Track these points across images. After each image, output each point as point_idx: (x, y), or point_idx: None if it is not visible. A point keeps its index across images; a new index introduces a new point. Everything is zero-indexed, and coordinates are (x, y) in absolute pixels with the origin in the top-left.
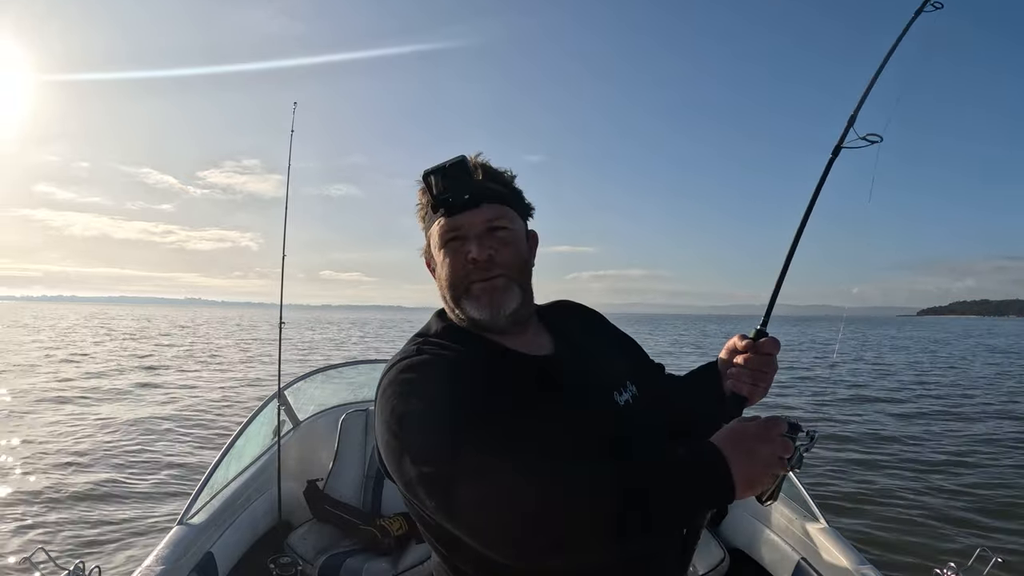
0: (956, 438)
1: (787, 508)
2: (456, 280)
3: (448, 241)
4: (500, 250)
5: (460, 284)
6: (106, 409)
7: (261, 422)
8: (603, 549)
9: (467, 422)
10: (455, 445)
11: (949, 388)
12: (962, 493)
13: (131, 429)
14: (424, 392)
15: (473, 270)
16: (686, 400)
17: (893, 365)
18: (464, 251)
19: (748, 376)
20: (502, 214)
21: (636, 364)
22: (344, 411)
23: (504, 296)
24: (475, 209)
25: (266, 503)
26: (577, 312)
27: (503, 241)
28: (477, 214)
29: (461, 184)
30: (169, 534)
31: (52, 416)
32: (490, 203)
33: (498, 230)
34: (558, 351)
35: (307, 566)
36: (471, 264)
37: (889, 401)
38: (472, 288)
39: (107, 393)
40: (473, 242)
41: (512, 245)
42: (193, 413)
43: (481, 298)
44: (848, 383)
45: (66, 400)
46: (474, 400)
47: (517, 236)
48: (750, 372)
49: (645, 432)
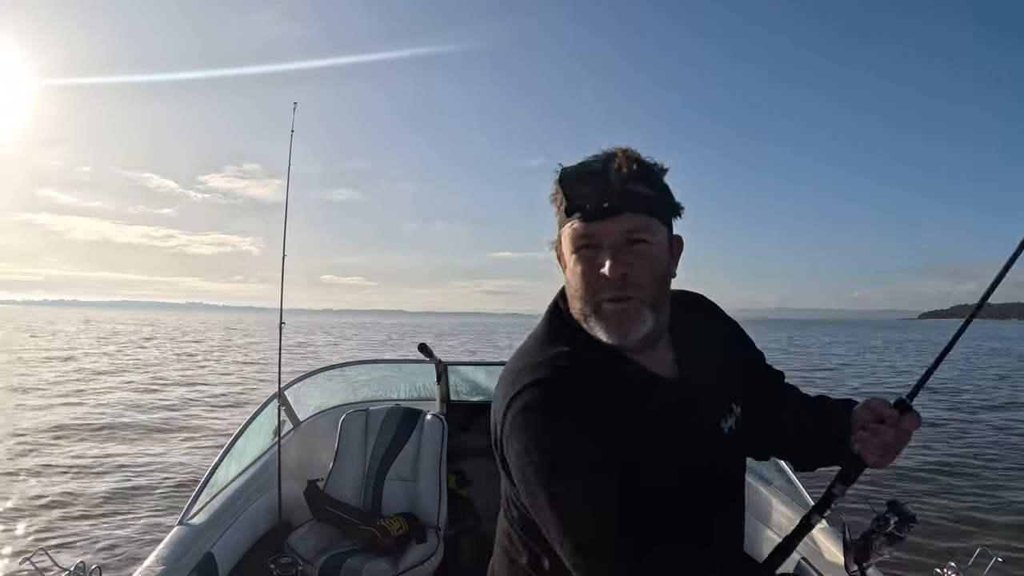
0: (957, 437)
1: (787, 508)
2: (586, 294)
3: (580, 248)
4: (636, 267)
5: (590, 300)
6: (106, 409)
7: (261, 422)
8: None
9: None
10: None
11: (951, 387)
12: (962, 493)
13: (131, 429)
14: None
15: (605, 286)
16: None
17: (896, 365)
18: (597, 263)
19: (879, 447)
20: (644, 225)
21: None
22: (344, 411)
23: (634, 322)
24: (614, 218)
25: (266, 503)
26: (701, 313)
27: (641, 256)
28: (616, 223)
29: (600, 190)
30: (169, 534)
31: (53, 416)
32: (633, 212)
33: (637, 243)
34: (682, 371)
35: (307, 566)
36: (604, 279)
37: None
38: (602, 308)
39: (107, 394)
40: (608, 254)
41: (650, 261)
42: (193, 413)
43: (610, 320)
44: (850, 385)
45: (66, 400)
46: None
47: (657, 250)
48: (882, 444)
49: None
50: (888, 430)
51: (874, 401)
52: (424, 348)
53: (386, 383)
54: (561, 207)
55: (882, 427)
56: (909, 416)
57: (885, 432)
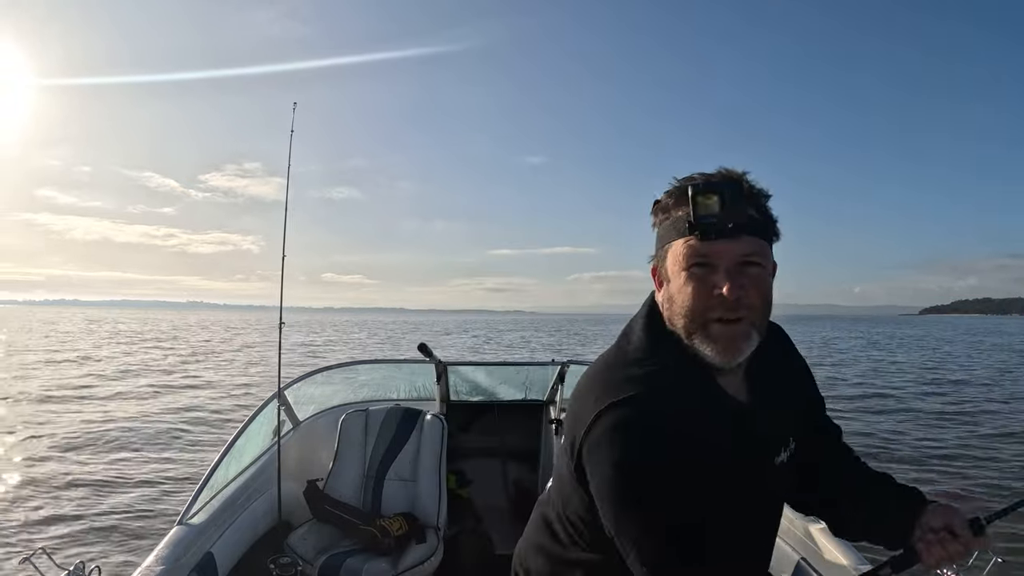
0: (957, 437)
1: (787, 508)
2: (695, 312)
3: (693, 266)
4: (749, 290)
5: (699, 318)
6: (107, 410)
7: (261, 422)
8: None
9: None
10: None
11: (952, 385)
12: (963, 493)
13: (132, 430)
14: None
15: (717, 306)
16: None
17: (897, 363)
18: (711, 282)
19: (940, 556)
20: (759, 249)
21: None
22: (344, 411)
23: (744, 344)
24: (734, 240)
25: (266, 503)
26: (778, 343)
27: (754, 280)
28: (735, 245)
29: (730, 210)
30: (169, 534)
31: (52, 418)
32: (750, 235)
33: (751, 266)
34: (755, 399)
35: (307, 566)
36: (716, 299)
37: (890, 398)
38: (711, 327)
39: (107, 395)
40: (724, 276)
41: (761, 285)
42: (193, 414)
43: (719, 341)
44: (852, 382)
45: (67, 401)
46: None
47: (767, 275)
48: (946, 555)
49: (784, 491)
50: (956, 547)
51: (952, 511)
52: (424, 348)
53: (386, 383)
54: (675, 222)
55: (952, 541)
56: (981, 539)
57: (953, 547)
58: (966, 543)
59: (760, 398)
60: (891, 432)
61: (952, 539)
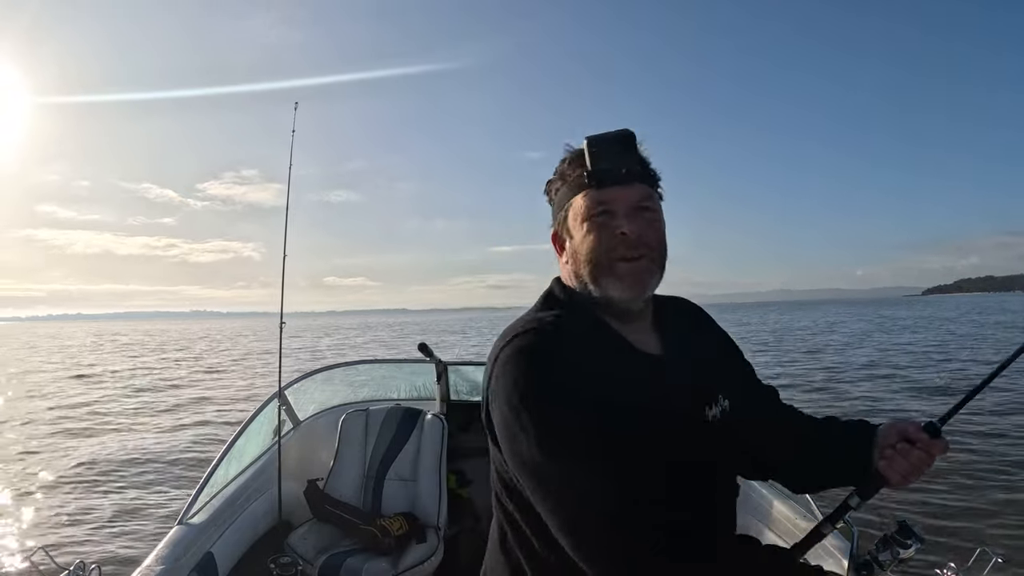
0: (957, 436)
1: (787, 508)
2: (600, 255)
3: (595, 215)
4: (647, 230)
5: (604, 260)
6: (107, 410)
7: (261, 422)
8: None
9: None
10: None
11: (952, 382)
12: (962, 493)
13: (132, 430)
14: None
15: (620, 246)
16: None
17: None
18: (613, 226)
19: (904, 468)
20: (651, 195)
21: (736, 378)
22: (344, 411)
23: (648, 278)
24: (628, 186)
25: (266, 503)
26: (689, 312)
27: (649, 222)
28: (630, 191)
29: (622, 158)
30: (169, 534)
31: (53, 417)
32: (641, 183)
33: (646, 211)
34: (665, 351)
35: (307, 566)
36: (619, 239)
37: (892, 393)
38: (617, 267)
39: (108, 394)
40: (623, 218)
41: (656, 227)
42: (193, 414)
43: (626, 278)
44: (854, 373)
45: (67, 400)
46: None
47: (661, 219)
48: (908, 465)
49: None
50: (917, 453)
51: (904, 423)
52: (424, 348)
53: (386, 383)
54: (573, 181)
55: (912, 449)
56: (939, 441)
57: (914, 454)
58: (926, 447)
59: (672, 352)
60: None
61: (911, 448)
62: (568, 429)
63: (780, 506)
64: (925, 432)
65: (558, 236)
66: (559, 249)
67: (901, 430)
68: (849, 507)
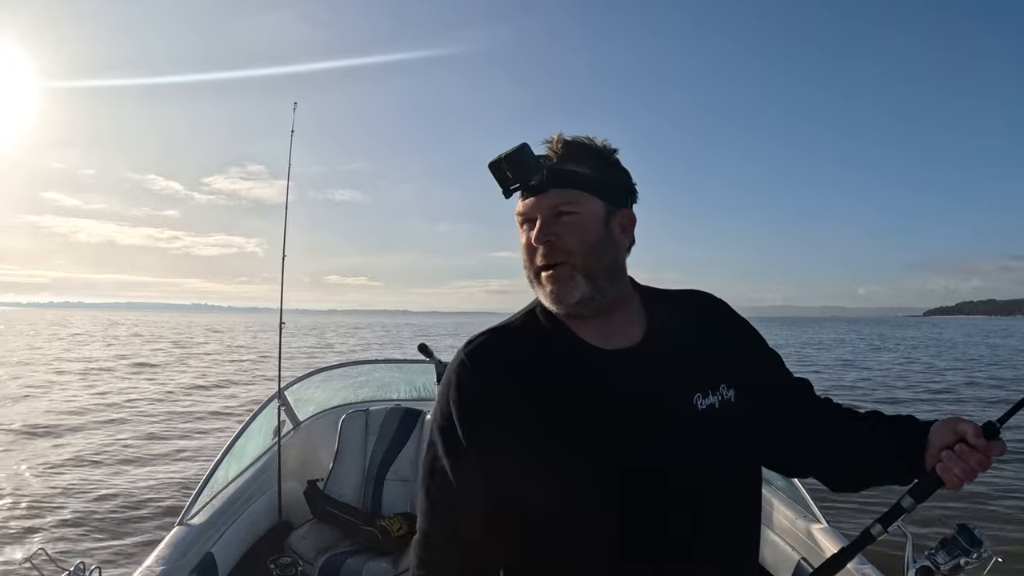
0: None
1: (787, 508)
2: (527, 266)
3: (521, 224)
4: (564, 235)
5: (530, 270)
6: (107, 410)
7: (261, 422)
8: None
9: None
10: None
11: (953, 384)
12: (962, 492)
13: (132, 430)
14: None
15: (536, 256)
16: (861, 439)
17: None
18: (528, 239)
19: (960, 470)
20: (571, 199)
21: (751, 368)
22: (344, 411)
23: (566, 287)
24: (542, 194)
25: (266, 503)
26: (697, 302)
27: (568, 226)
28: (543, 199)
29: (523, 171)
30: (169, 534)
31: (53, 418)
32: (560, 188)
33: (564, 215)
34: (644, 342)
35: (307, 566)
36: (535, 249)
37: (893, 402)
38: (540, 276)
39: (108, 395)
40: (535, 231)
41: (578, 230)
42: (195, 414)
43: (546, 287)
44: (854, 382)
45: (68, 401)
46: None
47: (586, 220)
48: (965, 467)
49: (721, 442)
50: (976, 456)
51: (960, 423)
52: (424, 348)
53: (386, 383)
54: None
55: (972, 452)
56: (997, 443)
57: (973, 457)
58: (985, 449)
59: (655, 343)
60: None
61: (969, 450)
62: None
63: (780, 506)
64: (984, 433)
65: None
66: None
67: (959, 430)
68: (903, 509)
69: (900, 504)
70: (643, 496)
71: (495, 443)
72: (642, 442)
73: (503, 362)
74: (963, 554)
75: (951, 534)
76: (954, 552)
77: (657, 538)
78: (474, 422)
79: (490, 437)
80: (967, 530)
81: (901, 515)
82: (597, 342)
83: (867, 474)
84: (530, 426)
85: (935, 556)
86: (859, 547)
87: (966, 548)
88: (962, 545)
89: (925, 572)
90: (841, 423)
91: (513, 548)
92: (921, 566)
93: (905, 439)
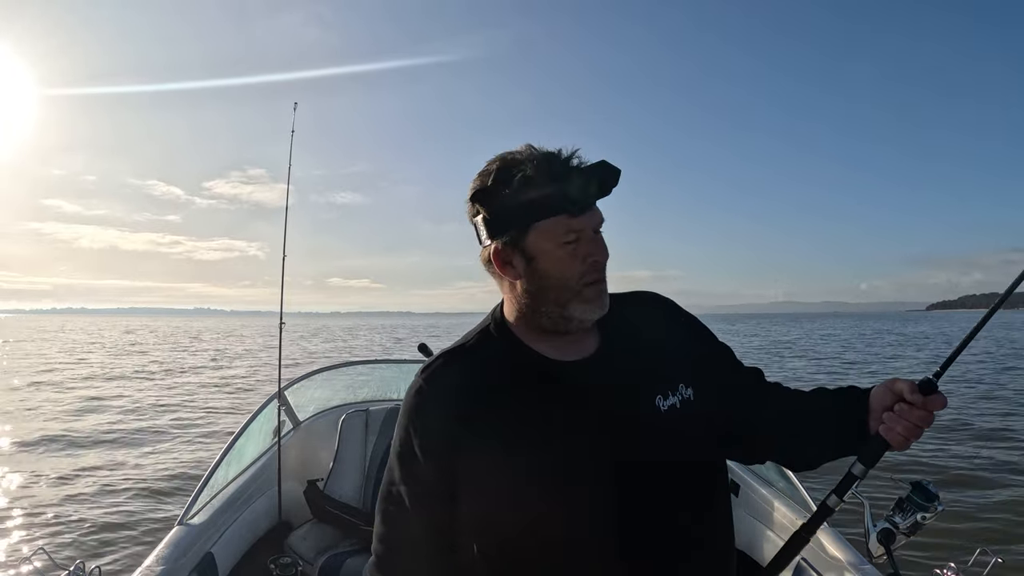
0: (957, 435)
1: (787, 508)
2: (573, 281)
3: (569, 242)
4: (605, 252)
5: (575, 285)
6: (108, 410)
7: (261, 422)
8: None
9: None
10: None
11: (953, 386)
12: (962, 493)
13: (133, 430)
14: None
15: (590, 271)
16: (809, 415)
17: (892, 360)
18: (582, 253)
19: (903, 428)
20: (602, 217)
21: (706, 365)
22: (344, 411)
23: (607, 296)
24: (593, 211)
25: (266, 503)
26: (646, 304)
27: (604, 244)
28: (594, 216)
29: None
30: (169, 534)
31: (53, 418)
32: (594, 205)
33: (600, 232)
34: (600, 351)
35: (307, 566)
36: (589, 266)
37: None
38: (585, 291)
39: (109, 394)
40: (592, 245)
41: (606, 248)
42: (195, 414)
43: (592, 301)
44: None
45: (68, 401)
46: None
47: None
48: (907, 425)
49: (686, 440)
50: (916, 412)
51: (897, 383)
52: (424, 348)
53: (386, 383)
54: (541, 201)
55: (910, 409)
56: (936, 397)
57: (913, 414)
58: (923, 404)
59: (610, 350)
60: None
61: (910, 408)
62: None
63: (780, 506)
64: (920, 390)
65: (507, 254)
66: (502, 266)
67: (897, 390)
68: (854, 476)
69: (851, 472)
70: (615, 501)
71: (459, 466)
72: (612, 449)
73: (461, 385)
74: (920, 510)
75: (906, 493)
76: (911, 510)
77: (631, 539)
78: (434, 448)
79: (452, 460)
80: (921, 487)
81: (854, 483)
82: (555, 355)
83: (820, 450)
84: (494, 446)
85: (893, 517)
86: (819, 520)
87: (922, 504)
88: (917, 502)
89: (886, 534)
90: (792, 406)
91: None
92: (881, 529)
93: (848, 409)
